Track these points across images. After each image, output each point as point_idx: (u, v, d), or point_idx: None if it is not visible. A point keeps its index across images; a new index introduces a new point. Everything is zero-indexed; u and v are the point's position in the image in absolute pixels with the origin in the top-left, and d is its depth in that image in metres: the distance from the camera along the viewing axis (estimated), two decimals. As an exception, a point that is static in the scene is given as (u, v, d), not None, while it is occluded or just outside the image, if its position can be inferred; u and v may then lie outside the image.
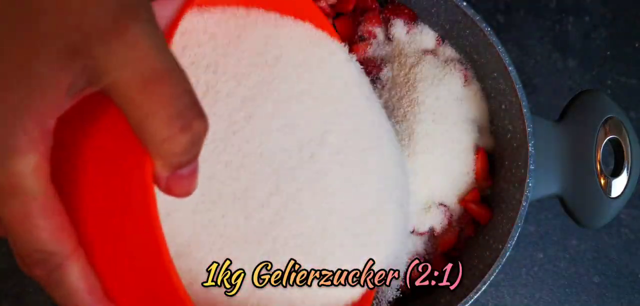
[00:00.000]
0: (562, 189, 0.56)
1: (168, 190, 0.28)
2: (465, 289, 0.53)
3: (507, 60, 0.56)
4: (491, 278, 0.52)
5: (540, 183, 0.55)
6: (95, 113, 0.29)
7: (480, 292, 0.52)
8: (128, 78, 0.25)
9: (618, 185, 0.56)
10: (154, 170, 0.27)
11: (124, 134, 0.27)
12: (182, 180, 0.28)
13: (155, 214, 0.27)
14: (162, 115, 0.25)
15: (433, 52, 0.60)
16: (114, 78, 0.25)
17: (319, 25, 0.46)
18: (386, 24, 0.60)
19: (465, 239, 0.58)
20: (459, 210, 0.57)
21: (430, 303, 0.55)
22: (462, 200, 0.57)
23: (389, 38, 0.60)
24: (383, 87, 0.58)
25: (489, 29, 0.56)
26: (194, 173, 0.28)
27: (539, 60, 0.74)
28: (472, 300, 0.52)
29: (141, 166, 0.27)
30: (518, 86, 0.55)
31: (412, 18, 0.60)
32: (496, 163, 0.59)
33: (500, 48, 0.56)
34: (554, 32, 0.75)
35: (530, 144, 0.54)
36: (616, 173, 0.56)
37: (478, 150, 0.58)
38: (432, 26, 0.61)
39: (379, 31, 0.60)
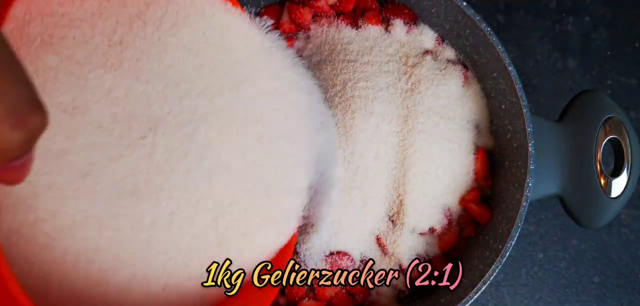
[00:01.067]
0: (562, 189, 0.56)
1: None
2: (465, 289, 0.53)
3: (507, 60, 0.56)
4: (491, 278, 0.52)
5: (540, 183, 0.55)
6: None
7: (480, 292, 0.52)
8: None
9: (618, 185, 0.56)
10: None
11: None
12: (13, 172, 0.26)
13: None
14: None
15: (433, 52, 0.60)
16: None
17: None
18: (386, 23, 0.60)
19: (465, 239, 0.58)
20: (459, 210, 0.57)
21: (430, 303, 0.55)
22: (462, 200, 0.57)
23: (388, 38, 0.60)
24: (382, 87, 0.58)
25: (489, 29, 0.56)
26: (27, 164, 0.26)
27: (539, 60, 0.74)
28: (472, 300, 0.52)
29: None
30: (518, 86, 0.55)
31: (412, 18, 0.60)
32: (496, 163, 0.59)
33: (500, 48, 0.56)
34: (554, 32, 0.75)
35: (530, 144, 0.54)
36: (616, 173, 0.56)
37: (478, 150, 0.58)
38: (432, 26, 0.61)
39: (379, 31, 0.60)
